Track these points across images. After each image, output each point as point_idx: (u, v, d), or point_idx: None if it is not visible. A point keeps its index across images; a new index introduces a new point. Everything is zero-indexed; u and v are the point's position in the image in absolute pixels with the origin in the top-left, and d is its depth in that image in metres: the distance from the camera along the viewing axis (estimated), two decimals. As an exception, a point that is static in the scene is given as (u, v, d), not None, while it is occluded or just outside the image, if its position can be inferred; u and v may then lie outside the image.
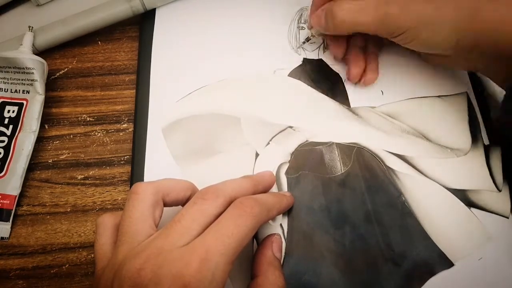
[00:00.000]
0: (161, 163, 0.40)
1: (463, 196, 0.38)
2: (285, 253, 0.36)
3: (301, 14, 0.47)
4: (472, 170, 0.39)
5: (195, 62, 0.45)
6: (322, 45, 0.45)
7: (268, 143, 0.40)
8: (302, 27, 0.46)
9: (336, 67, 0.44)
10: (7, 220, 0.39)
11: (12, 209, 0.39)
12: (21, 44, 0.43)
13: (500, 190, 0.39)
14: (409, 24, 0.35)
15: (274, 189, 0.38)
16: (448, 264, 0.36)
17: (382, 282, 0.35)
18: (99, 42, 0.47)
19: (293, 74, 0.44)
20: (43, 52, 0.45)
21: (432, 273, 0.36)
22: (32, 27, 0.44)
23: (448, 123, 0.41)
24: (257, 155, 0.40)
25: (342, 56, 0.43)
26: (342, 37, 0.42)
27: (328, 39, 0.43)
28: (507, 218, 0.38)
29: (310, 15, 0.42)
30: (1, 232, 0.39)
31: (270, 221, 0.37)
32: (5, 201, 0.39)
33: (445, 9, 0.35)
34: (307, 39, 0.44)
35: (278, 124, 0.41)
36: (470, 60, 0.37)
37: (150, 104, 0.43)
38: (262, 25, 0.46)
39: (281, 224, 0.37)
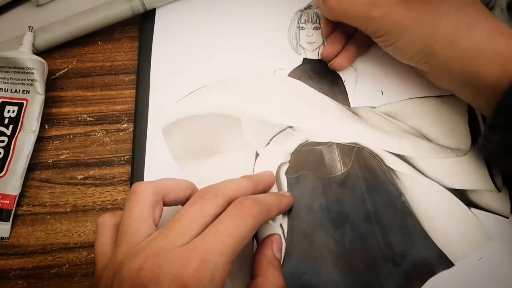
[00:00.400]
0: (161, 163, 0.40)
1: (463, 196, 0.38)
2: (285, 253, 0.36)
3: (301, 14, 0.47)
4: (472, 170, 0.39)
5: (195, 62, 0.44)
6: (322, 45, 0.45)
7: (268, 143, 0.40)
8: (302, 27, 0.46)
9: (336, 68, 0.44)
10: (7, 220, 0.39)
11: (12, 209, 0.39)
12: (21, 44, 0.43)
13: (500, 190, 0.38)
14: (387, 29, 0.37)
15: (274, 189, 0.38)
16: (448, 264, 0.36)
17: (382, 282, 0.35)
18: (99, 42, 0.47)
19: (293, 74, 0.44)
20: (43, 52, 0.45)
21: (432, 273, 0.35)
22: (32, 27, 0.44)
23: (448, 123, 0.41)
24: (257, 155, 0.40)
25: (328, 34, 0.44)
26: None
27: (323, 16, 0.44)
28: (507, 218, 0.37)
29: None
30: (1, 232, 0.38)
31: (270, 221, 0.37)
32: (5, 201, 0.39)
33: (423, 25, 0.35)
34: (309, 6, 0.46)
35: (278, 124, 0.41)
36: (445, 81, 0.38)
37: (150, 104, 0.42)
38: (262, 25, 0.46)
39: (281, 224, 0.37)
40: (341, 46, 0.43)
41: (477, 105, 0.38)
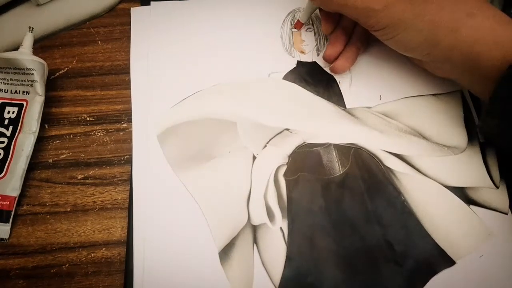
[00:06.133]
0: (161, 163, 0.37)
1: (462, 193, 0.36)
2: (287, 256, 0.33)
3: (294, 16, 0.43)
4: (470, 168, 0.37)
5: (188, 68, 0.41)
6: (316, 47, 0.42)
7: (265, 146, 0.37)
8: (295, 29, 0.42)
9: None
10: (7, 222, 0.36)
11: (11, 210, 0.36)
12: (21, 45, 0.39)
13: (497, 187, 0.36)
14: (388, 22, 0.34)
15: (273, 193, 0.35)
16: (450, 262, 0.33)
17: (384, 283, 0.33)
18: (99, 42, 0.44)
19: (288, 77, 0.40)
20: (42, 51, 0.42)
21: (434, 272, 0.33)
22: (33, 28, 0.40)
23: (443, 121, 0.39)
24: (254, 158, 0.37)
25: (329, 32, 0.41)
26: (333, 14, 0.39)
27: (320, 12, 0.40)
28: (506, 214, 0.35)
29: None
30: (1, 233, 0.35)
31: (270, 225, 0.34)
32: (4, 202, 0.36)
33: (425, 17, 0.33)
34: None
35: (275, 127, 0.38)
36: (444, 70, 0.36)
37: (146, 110, 0.39)
38: (255, 28, 0.43)
39: (281, 228, 0.34)
40: (342, 46, 0.40)
41: (475, 90, 0.36)
